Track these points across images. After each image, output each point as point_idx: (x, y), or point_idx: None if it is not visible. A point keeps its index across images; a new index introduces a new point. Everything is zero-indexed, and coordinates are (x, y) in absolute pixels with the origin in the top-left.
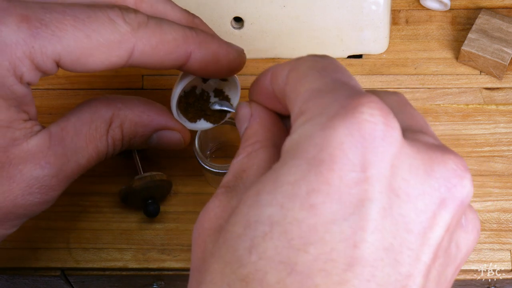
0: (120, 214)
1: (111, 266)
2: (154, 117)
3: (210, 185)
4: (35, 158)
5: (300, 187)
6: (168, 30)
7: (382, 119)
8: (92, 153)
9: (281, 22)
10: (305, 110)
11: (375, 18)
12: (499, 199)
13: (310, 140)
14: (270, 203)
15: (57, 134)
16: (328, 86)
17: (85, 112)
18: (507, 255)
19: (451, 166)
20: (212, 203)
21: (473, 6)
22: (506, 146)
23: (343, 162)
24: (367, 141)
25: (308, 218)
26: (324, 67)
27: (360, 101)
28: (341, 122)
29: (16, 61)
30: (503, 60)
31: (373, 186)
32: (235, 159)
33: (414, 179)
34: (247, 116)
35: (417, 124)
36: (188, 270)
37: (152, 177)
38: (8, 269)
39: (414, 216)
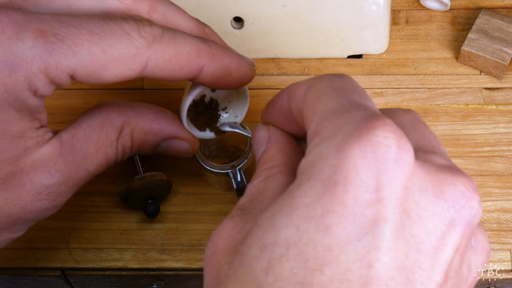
0: (120, 214)
1: (111, 266)
2: (165, 126)
3: (210, 185)
4: (45, 166)
5: (315, 208)
6: (182, 44)
7: (396, 142)
8: (101, 160)
9: (281, 22)
10: (320, 130)
11: (375, 18)
12: (499, 199)
13: (325, 161)
14: (286, 225)
15: (67, 142)
16: (344, 107)
17: (96, 118)
18: (507, 255)
19: (460, 188)
20: (227, 224)
21: (473, 6)
22: (506, 146)
23: (357, 183)
24: (381, 163)
25: (323, 239)
26: (341, 87)
27: (374, 124)
28: (355, 144)
29: (31, 77)
30: (503, 60)
31: (386, 207)
32: (251, 183)
33: (424, 201)
34: (265, 139)
35: (429, 144)
36: (188, 270)
37: (152, 177)
38: (8, 269)
39: (425, 237)
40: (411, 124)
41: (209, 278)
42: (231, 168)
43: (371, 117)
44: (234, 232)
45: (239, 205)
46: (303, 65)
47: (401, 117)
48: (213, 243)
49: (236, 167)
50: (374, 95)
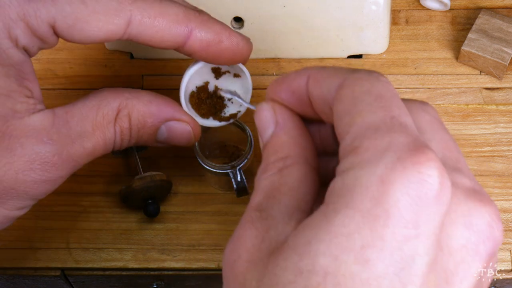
0: (120, 214)
1: (111, 266)
2: (163, 107)
3: (210, 185)
4: (37, 133)
5: (355, 240)
6: (168, 4)
7: (438, 180)
8: (98, 139)
9: (281, 22)
10: (359, 147)
11: (375, 18)
12: (499, 199)
13: (366, 191)
14: (324, 253)
15: (61, 116)
16: (386, 125)
17: (92, 99)
18: (507, 255)
19: (487, 219)
20: (249, 231)
21: (473, 6)
22: (506, 146)
23: (397, 219)
24: (422, 201)
25: (362, 272)
26: (381, 95)
27: (419, 158)
28: (399, 179)
29: (10, 23)
30: (503, 60)
31: (423, 243)
32: (263, 175)
33: (455, 233)
34: (271, 121)
35: (452, 156)
36: (188, 270)
37: (152, 177)
38: (8, 269)
39: (453, 268)
40: (431, 129)
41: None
42: (231, 168)
43: (415, 149)
44: (257, 241)
45: (255, 205)
46: (303, 65)
47: (420, 119)
48: (235, 251)
49: (236, 167)
50: None
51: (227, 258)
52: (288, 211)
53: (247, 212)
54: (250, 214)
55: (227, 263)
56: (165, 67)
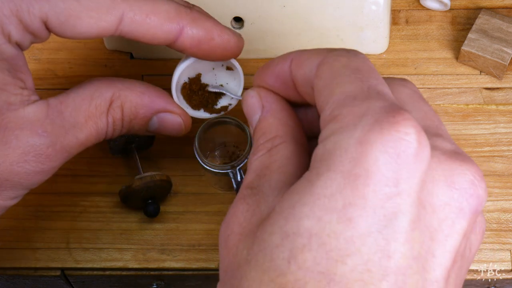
0: (120, 214)
1: (111, 266)
2: (155, 99)
3: (210, 185)
4: (32, 125)
5: (337, 200)
6: (160, 2)
7: (416, 137)
8: (91, 129)
9: (281, 22)
10: (338, 116)
11: (375, 18)
12: (499, 199)
13: (345, 153)
14: (308, 215)
15: (55, 106)
16: (363, 93)
17: (85, 89)
18: (507, 255)
19: (469, 177)
20: (241, 206)
21: (473, 6)
22: (506, 146)
23: (378, 177)
24: (401, 158)
25: (346, 231)
26: (359, 68)
27: (396, 118)
28: (377, 138)
29: (3, 19)
30: (503, 60)
31: (404, 200)
32: (254, 156)
33: (437, 191)
34: (258, 106)
35: (432, 125)
36: (188, 270)
37: (152, 177)
38: (8, 269)
39: (437, 225)
40: (411, 101)
41: (226, 261)
42: (231, 168)
43: (393, 110)
44: (249, 215)
45: (247, 183)
46: None
47: (400, 93)
48: (228, 227)
49: (236, 167)
50: None
51: (221, 235)
52: (277, 186)
53: (240, 192)
54: (242, 192)
55: (222, 239)
56: (165, 67)
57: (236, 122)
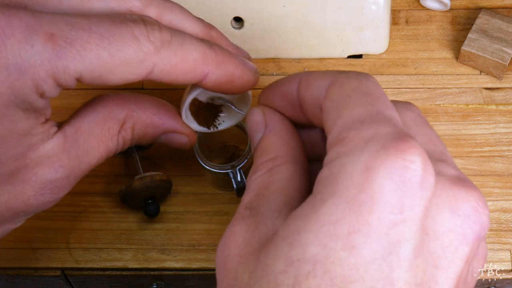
0: (120, 214)
1: (111, 266)
2: (166, 120)
3: (210, 185)
4: (50, 161)
5: (342, 227)
6: (189, 50)
7: (422, 166)
8: (102, 153)
9: (281, 22)
10: (345, 139)
11: (375, 18)
12: (499, 199)
13: (350, 178)
14: (313, 242)
15: (71, 136)
16: (371, 117)
17: (99, 112)
18: (507, 255)
19: (473, 204)
20: (239, 227)
21: (473, 6)
22: (506, 146)
23: (383, 204)
24: (406, 186)
25: (350, 257)
26: (369, 92)
27: (402, 146)
28: (382, 165)
29: (39, 81)
30: (503, 60)
31: (409, 228)
32: (254, 175)
33: (441, 218)
34: (261, 124)
35: (437, 150)
36: (188, 270)
37: (152, 177)
38: (8, 269)
39: (440, 252)
40: (415, 125)
41: (224, 284)
42: (231, 168)
43: (399, 137)
44: (247, 236)
45: (246, 203)
46: (303, 65)
47: (405, 117)
48: (226, 248)
49: (236, 167)
50: None
51: (219, 256)
52: (277, 207)
53: (238, 211)
54: (241, 212)
55: (219, 261)
56: None
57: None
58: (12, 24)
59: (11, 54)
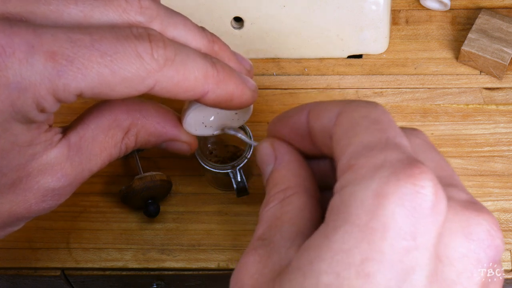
0: (120, 214)
1: (111, 266)
2: (169, 129)
3: (210, 185)
4: (52, 170)
5: (354, 255)
6: (191, 69)
7: (433, 191)
8: (104, 159)
9: (281, 22)
10: (354, 165)
11: (375, 18)
12: (499, 199)
13: (361, 205)
14: (326, 271)
15: (75, 144)
16: (381, 144)
17: (104, 119)
18: (507, 255)
19: (486, 227)
20: (252, 257)
21: (473, 6)
22: (506, 146)
23: (395, 231)
24: (418, 212)
25: (363, 286)
26: (378, 120)
27: (413, 171)
28: (393, 191)
29: (39, 99)
30: (503, 60)
31: (422, 254)
32: (266, 207)
33: (454, 243)
34: (271, 157)
35: (446, 175)
36: (188, 270)
37: (152, 177)
38: (8, 269)
39: (455, 278)
40: (423, 151)
41: None
42: (231, 168)
43: (409, 163)
44: (260, 266)
45: (258, 235)
46: (303, 65)
47: (412, 143)
48: (239, 280)
49: (236, 167)
50: (374, 95)
51: (232, 286)
52: (289, 237)
53: (251, 243)
54: (253, 243)
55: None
56: None
57: None
58: (13, 43)
59: (11, 73)
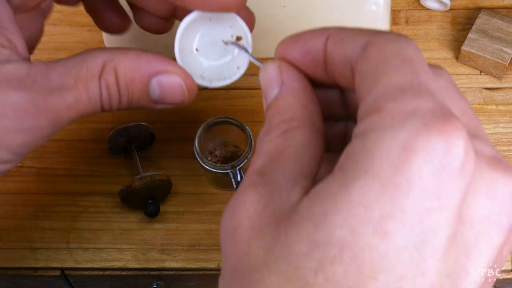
0: (120, 214)
1: (111, 266)
2: (151, 61)
3: (210, 185)
4: (8, 81)
5: (373, 210)
6: None
7: (464, 150)
8: (81, 92)
9: (281, 22)
10: (382, 109)
11: (375, 18)
12: None
13: (387, 157)
14: (341, 225)
15: (39, 67)
16: (413, 89)
17: (77, 55)
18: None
19: (510, 189)
20: (251, 196)
21: (473, 6)
22: (506, 146)
23: (420, 189)
24: (446, 171)
25: (381, 244)
26: (411, 59)
27: (446, 127)
28: (423, 146)
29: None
30: (503, 60)
31: (445, 215)
32: (266, 136)
33: (476, 204)
34: (276, 81)
35: (471, 124)
36: (188, 270)
37: (152, 177)
38: (8, 269)
39: (474, 241)
40: (447, 94)
41: (235, 257)
42: (231, 168)
43: (443, 116)
44: (260, 207)
45: (257, 168)
46: None
47: (436, 84)
48: (235, 218)
49: (236, 167)
50: None
51: (225, 224)
52: (292, 177)
53: (249, 176)
54: (252, 178)
55: (226, 230)
56: None
57: (236, 122)
58: None
59: None
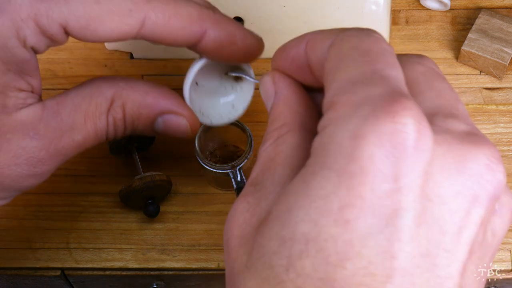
0: (120, 214)
1: (111, 266)
2: (160, 99)
3: (210, 185)
4: (24, 129)
5: (332, 202)
6: (183, 4)
7: (415, 128)
8: (90, 130)
9: (281, 22)
10: (336, 103)
11: (375, 18)
12: None
13: (339, 148)
14: (303, 219)
15: (52, 108)
16: (366, 79)
17: (85, 88)
18: (507, 255)
19: (484, 161)
20: (241, 205)
21: (473, 6)
22: (506, 146)
23: (375, 174)
24: (399, 151)
25: (343, 234)
26: (368, 50)
27: (393, 108)
28: (371, 131)
29: (19, 23)
30: (503, 60)
31: (406, 196)
32: (262, 147)
33: (446, 180)
34: (271, 92)
35: (447, 104)
36: (188, 270)
37: (152, 177)
38: (8, 269)
39: (448, 217)
40: (425, 79)
41: (228, 266)
42: (231, 168)
43: (391, 98)
44: (248, 215)
45: (252, 179)
46: None
47: (413, 71)
48: (229, 229)
49: (236, 167)
50: None
51: (224, 238)
52: (280, 181)
53: (245, 188)
54: (246, 189)
55: (224, 243)
56: (165, 67)
57: (236, 122)
58: None
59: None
